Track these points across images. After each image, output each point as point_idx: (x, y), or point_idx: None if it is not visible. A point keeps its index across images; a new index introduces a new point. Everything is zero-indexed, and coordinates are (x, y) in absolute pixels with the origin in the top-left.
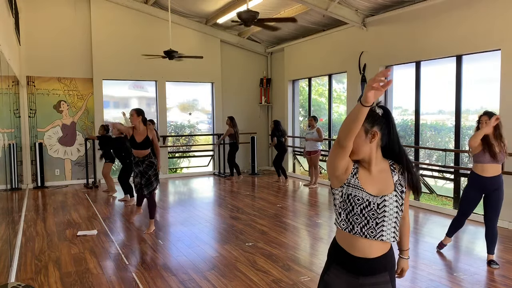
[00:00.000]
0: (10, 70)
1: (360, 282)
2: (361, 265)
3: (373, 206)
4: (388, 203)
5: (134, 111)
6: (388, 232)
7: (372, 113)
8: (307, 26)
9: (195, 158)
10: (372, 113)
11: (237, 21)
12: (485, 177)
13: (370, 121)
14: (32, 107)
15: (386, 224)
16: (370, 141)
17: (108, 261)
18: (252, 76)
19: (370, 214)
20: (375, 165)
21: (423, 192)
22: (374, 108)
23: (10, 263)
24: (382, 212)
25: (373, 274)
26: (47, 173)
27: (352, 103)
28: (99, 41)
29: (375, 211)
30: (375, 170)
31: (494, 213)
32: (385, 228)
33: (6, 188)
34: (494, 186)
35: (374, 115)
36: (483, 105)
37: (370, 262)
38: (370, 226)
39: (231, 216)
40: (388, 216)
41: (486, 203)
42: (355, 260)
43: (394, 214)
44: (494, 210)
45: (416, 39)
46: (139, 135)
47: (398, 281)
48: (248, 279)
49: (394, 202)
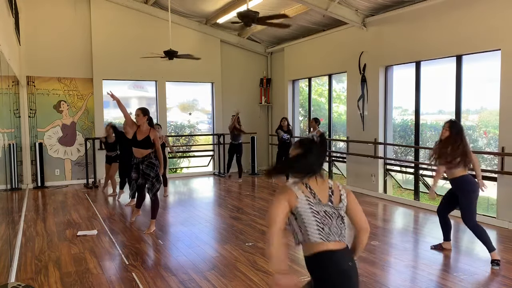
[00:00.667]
0: (10, 70)
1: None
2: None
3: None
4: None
5: (140, 110)
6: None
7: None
8: (307, 26)
9: (195, 158)
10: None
11: (237, 22)
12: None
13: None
14: (32, 107)
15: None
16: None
17: (108, 261)
18: (252, 76)
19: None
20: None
21: (423, 192)
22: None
23: (10, 263)
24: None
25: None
26: (47, 173)
27: (352, 103)
28: (99, 41)
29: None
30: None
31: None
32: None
33: (6, 188)
34: (454, 187)
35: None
36: (483, 105)
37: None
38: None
39: (231, 216)
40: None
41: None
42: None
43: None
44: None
45: (416, 39)
46: (141, 133)
47: (398, 281)
48: (248, 279)
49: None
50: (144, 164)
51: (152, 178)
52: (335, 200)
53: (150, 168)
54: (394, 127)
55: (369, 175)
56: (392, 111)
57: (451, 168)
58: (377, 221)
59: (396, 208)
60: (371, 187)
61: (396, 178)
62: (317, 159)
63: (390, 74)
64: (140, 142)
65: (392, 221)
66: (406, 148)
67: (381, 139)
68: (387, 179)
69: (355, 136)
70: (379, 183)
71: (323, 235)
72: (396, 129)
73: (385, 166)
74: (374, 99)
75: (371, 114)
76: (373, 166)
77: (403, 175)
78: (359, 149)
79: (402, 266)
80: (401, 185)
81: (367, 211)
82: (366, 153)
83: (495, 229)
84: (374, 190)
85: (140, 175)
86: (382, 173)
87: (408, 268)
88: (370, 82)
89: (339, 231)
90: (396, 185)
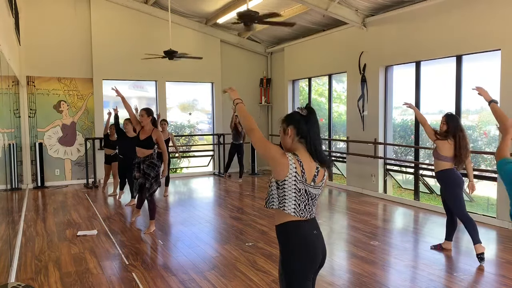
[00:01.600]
0: (10, 70)
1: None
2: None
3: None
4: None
5: (144, 111)
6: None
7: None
8: (307, 26)
9: (195, 158)
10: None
11: (237, 22)
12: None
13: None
14: (32, 107)
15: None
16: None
17: (108, 261)
18: (252, 76)
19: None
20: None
21: (422, 192)
22: (299, 109)
23: (10, 263)
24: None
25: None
26: (47, 173)
27: (352, 103)
28: (99, 41)
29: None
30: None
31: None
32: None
33: (6, 188)
34: (438, 180)
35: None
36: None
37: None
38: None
39: (231, 216)
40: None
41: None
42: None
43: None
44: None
45: (416, 39)
46: (144, 133)
47: (398, 281)
48: (248, 279)
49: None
50: (145, 163)
51: (152, 178)
52: (317, 180)
53: (151, 168)
54: (394, 127)
55: (369, 175)
56: (392, 111)
57: (441, 159)
58: (377, 221)
59: (396, 208)
60: (371, 187)
61: (396, 178)
62: (311, 127)
63: (390, 74)
64: (143, 141)
65: (392, 221)
66: (406, 148)
67: (381, 139)
68: (387, 179)
69: (355, 136)
70: (379, 183)
71: (297, 211)
72: (396, 129)
73: (385, 166)
74: (374, 99)
75: (371, 114)
76: (373, 166)
77: (403, 175)
78: (359, 149)
79: (402, 266)
80: (401, 185)
81: (367, 211)
82: (366, 153)
83: (495, 229)
84: (374, 190)
85: (141, 174)
86: (382, 173)
87: (408, 268)
88: (370, 82)
89: (310, 209)
90: (396, 185)
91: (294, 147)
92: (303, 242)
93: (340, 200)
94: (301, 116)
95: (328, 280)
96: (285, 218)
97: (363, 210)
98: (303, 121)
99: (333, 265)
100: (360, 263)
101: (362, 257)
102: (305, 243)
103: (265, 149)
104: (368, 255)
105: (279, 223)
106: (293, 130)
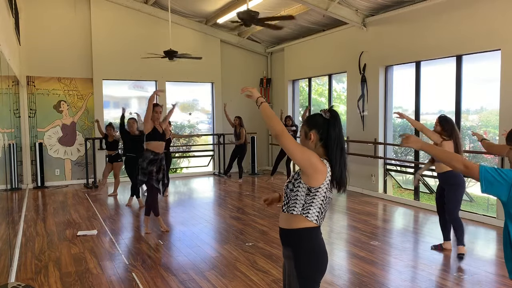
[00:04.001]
0: (10, 70)
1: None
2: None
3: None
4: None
5: (160, 106)
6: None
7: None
8: (307, 26)
9: (195, 158)
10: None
11: (237, 22)
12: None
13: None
14: (32, 107)
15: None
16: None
17: (108, 261)
18: (252, 76)
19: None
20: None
21: (422, 192)
22: (322, 112)
23: (10, 263)
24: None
25: (283, 244)
26: (47, 173)
27: (352, 103)
28: (99, 41)
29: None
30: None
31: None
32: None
33: (6, 188)
34: (441, 181)
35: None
36: (483, 105)
37: (281, 232)
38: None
39: (231, 216)
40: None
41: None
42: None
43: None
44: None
45: (416, 39)
46: (160, 127)
47: (398, 281)
48: (248, 279)
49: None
50: (164, 158)
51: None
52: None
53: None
54: (394, 127)
55: (369, 175)
56: (392, 111)
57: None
58: (377, 221)
59: (396, 208)
60: (371, 187)
61: (396, 178)
62: (340, 130)
63: (390, 74)
64: (163, 134)
65: (392, 221)
66: (406, 148)
67: (381, 139)
68: (387, 179)
69: (355, 136)
70: (379, 183)
71: (319, 219)
72: (396, 129)
73: (385, 166)
74: (374, 99)
75: (371, 114)
76: (373, 166)
77: (403, 175)
78: (359, 149)
79: (402, 266)
80: (401, 185)
81: (367, 211)
82: (366, 153)
83: (495, 229)
84: (374, 190)
85: (162, 170)
86: (382, 173)
87: (408, 268)
88: (370, 82)
89: (325, 215)
90: (396, 185)
91: (317, 153)
92: (317, 249)
93: (340, 200)
94: (324, 119)
95: (328, 280)
96: (302, 224)
97: (363, 210)
98: (326, 126)
99: (333, 265)
100: (360, 263)
101: (362, 257)
102: (319, 250)
103: (303, 155)
104: (368, 255)
105: (292, 227)
106: (316, 135)
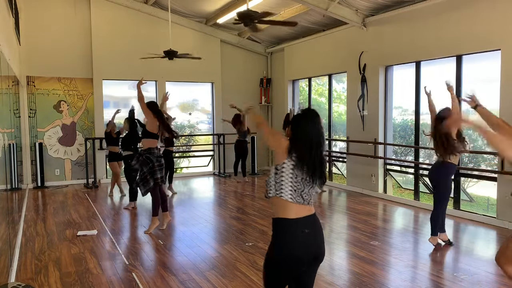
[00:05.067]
0: (10, 70)
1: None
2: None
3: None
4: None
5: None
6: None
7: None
8: (307, 26)
9: (195, 158)
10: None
11: (237, 21)
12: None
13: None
14: (32, 107)
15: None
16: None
17: (108, 261)
18: (252, 76)
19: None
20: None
21: (422, 192)
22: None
23: (10, 263)
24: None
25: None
26: (47, 173)
27: (352, 103)
28: (99, 41)
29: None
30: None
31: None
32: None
33: (6, 188)
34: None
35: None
36: (483, 105)
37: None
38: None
39: (231, 216)
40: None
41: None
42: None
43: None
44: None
45: (416, 39)
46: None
47: (398, 281)
48: (248, 279)
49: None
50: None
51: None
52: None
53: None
54: (394, 127)
55: (369, 175)
56: (392, 111)
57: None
58: (377, 221)
59: (396, 208)
60: (371, 187)
61: (396, 178)
62: (313, 126)
63: (390, 74)
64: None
65: (392, 221)
66: (406, 148)
67: (381, 139)
68: (387, 179)
69: (355, 136)
70: (379, 183)
71: (294, 197)
72: (396, 129)
73: (385, 166)
74: (374, 99)
75: (371, 114)
76: (373, 166)
77: (403, 175)
78: (359, 149)
79: (402, 266)
80: (401, 185)
81: (367, 211)
82: (366, 153)
83: (495, 229)
84: (374, 190)
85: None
86: (382, 173)
87: (408, 268)
88: (370, 82)
89: (308, 198)
90: (396, 185)
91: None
92: (287, 245)
93: (340, 200)
94: (296, 116)
95: (328, 280)
96: (280, 214)
97: (363, 210)
98: (296, 120)
99: (333, 265)
100: (360, 263)
101: (362, 257)
102: (288, 242)
103: (274, 137)
104: (368, 255)
105: (274, 216)
106: (289, 130)
